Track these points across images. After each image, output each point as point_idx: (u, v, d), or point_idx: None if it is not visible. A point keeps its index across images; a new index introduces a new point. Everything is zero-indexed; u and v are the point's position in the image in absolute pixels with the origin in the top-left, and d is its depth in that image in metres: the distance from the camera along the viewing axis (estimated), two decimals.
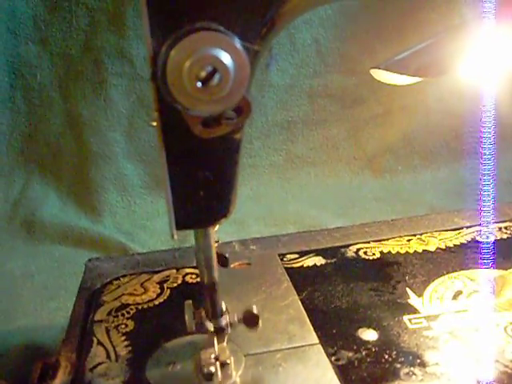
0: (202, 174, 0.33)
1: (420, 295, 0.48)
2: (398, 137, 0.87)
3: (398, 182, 0.86)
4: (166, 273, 0.53)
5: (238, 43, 0.30)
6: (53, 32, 0.83)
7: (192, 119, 0.31)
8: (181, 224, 0.34)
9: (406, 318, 0.45)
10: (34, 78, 0.85)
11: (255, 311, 0.39)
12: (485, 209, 0.49)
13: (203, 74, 0.29)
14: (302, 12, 0.33)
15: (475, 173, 0.47)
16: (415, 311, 0.46)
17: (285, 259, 0.54)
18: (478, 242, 0.56)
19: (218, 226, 0.36)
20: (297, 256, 0.55)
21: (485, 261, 0.51)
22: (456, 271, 0.51)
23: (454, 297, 0.48)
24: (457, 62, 0.47)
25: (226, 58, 0.29)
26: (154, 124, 0.32)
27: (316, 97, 0.86)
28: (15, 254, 0.78)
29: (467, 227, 0.58)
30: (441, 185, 0.84)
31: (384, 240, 0.57)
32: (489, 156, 0.48)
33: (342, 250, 0.55)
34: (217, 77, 0.29)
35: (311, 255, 0.55)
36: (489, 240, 0.56)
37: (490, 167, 0.48)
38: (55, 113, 0.85)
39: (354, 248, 0.55)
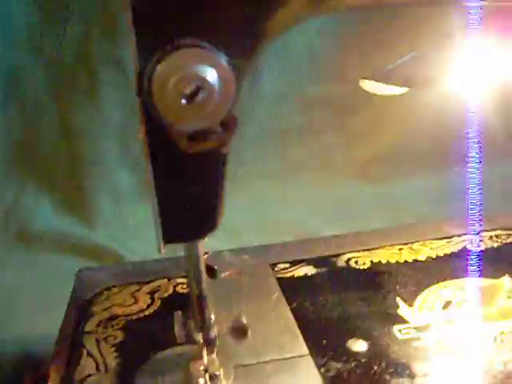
0: (188, 188, 0.33)
1: (410, 305, 0.48)
2: (389, 145, 0.88)
3: (390, 189, 0.86)
4: (157, 283, 0.53)
5: (223, 59, 0.30)
6: (47, 41, 0.83)
7: (178, 134, 0.32)
8: (168, 238, 0.34)
9: (395, 328, 0.45)
10: (28, 87, 0.85)
11: (244, 322, 0.39)
12: (472, 217, 0.49)
13: (188, 91, 0.29)
14: (290, 26, 0.34)
15: (465, 181, 0.48)
16: (405, 321, 0.46)
17: (276, 269, 0.54)
18: (468, 250, 0.56)
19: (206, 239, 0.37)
20: (288, 265, 0.55)
21: (475, 270, 0.51)
22: (446, 280, 0.51)
23: (444, 306, 0.48)
24: (444, 74, 0.47)
25: (211, 74, 0.30)
26: (141, 137, 0.33)
27: (310, 105, 0.86)
28: (8, 264, 0.78)
29: (458, 236, 0.58)
30: (432, 192, 0.84)
31: (375, 249, 0.57)
32: (475, 164, 0.48)
33: (333, 259, 0.55)
34: (202, 94, 0.29)
35: (302, 265, 0.55)
36: (479, 249, 0.56)
37: (476, 175, 0.48)
38: (48, 121, 0.85)
39: (344, 257, 0.56)
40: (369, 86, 0.48)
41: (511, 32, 0.42)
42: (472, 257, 0.52)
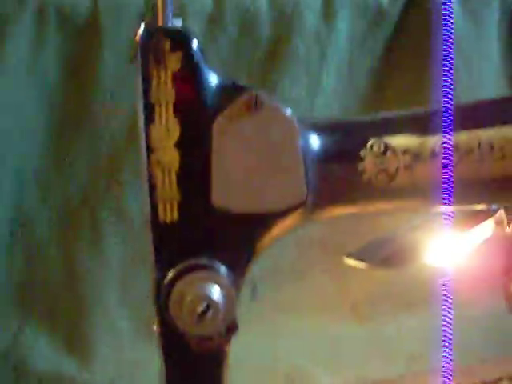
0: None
1: None
2: (380, 285, 0.91)
3: (380, 329, 0.89)
4: None
5: (227, 278, 0.35)
6: (53, 187, 0.89)
7: (189, 337, 0.36)
8: None
9: None
10: (34, 230, 0.89)
11: None
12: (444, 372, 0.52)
13: (200, 309, 0.33)
14: (281, 237, 0.39)
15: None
16: None
17: None
18: None
19: None
20: None
21: None
22: None
23: None
24: (421, 252, 0.52)
25: (217, 294, 0.34)
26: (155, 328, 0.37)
27: (301, 246, 0.90)
28: None
29: None
30: (423, 332, 0.87)
31: None
32: (446, 309, 0.52)
33: None
34: (210, 312, 0.34)
35: None
36: None
37: (448, 320, 0.52)
38: (52, 263, 0.88)
39: None
40: (351, 262, 0.53)
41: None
42: None
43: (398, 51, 0.93)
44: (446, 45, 0.76)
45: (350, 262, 0.51)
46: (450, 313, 0.52)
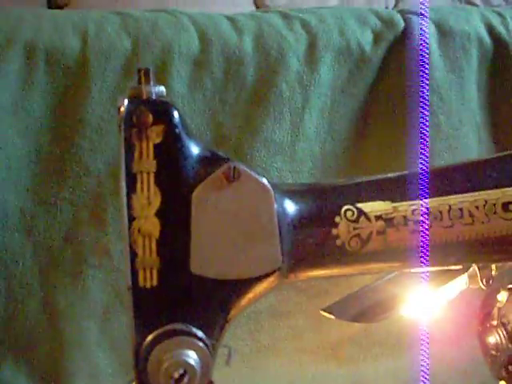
0: None
1: None
2: (359, 326, 0.93)
3: (360, 371, 0.90)
4: None
5: (204, 343, 0.36)
6: (37, 224, 0.89)
7: None
8: None
9: None
10: (16, 266, 0.89)
11: None
12: None
13: (176, 375, 0.34)
14: (255, 301, 0.40)
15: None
16: None
17: None
18: None
19: None
20: None
21: None
22: None
23: None
24: (397, 305, 0.54)
25: (194, 359, 0.35)
26: None
27: (282, 287, 0.91)
28: None
29: None
30: (402, 374, 0.88)
31: None
32: (423, 352, 0.53)
33: None
34: (186, 377, 0.35)
35: None
36: None
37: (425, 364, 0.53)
38: (33, 300, 0.88)
39: None
40: (329, 316, 0.54)
41: None
42: None
43: (379, 96, 0.96)
44: (422, 91, 0.79)
45: (327, 315, 0.53)
46: (427, 358, 0.54)
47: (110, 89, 0.86)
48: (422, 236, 0.43)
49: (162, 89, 0.40)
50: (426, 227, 0.43)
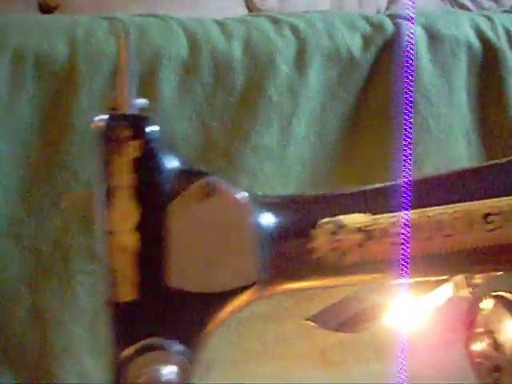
0: None
1: None
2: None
3: (349, 375, 0.90)
4: None
5: (183, 356, 0.36)
6: (26, 229, 0.89)
7: None
8: None
9: None
10: (4, 272, 0.89)
11: None
12: None
13: None
14: (236, 312, 0.40)
15: None
16: None
17: None
18: None
19: None
20: None
21: None
22: None
23: None
24: (381, 314, 0.54)
25: (173, 374, 0.35)
26: None
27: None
28: None
29: None
30: (391, 378, 0.88)
31: None
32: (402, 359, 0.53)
33: None
34: None
35: None
36: None
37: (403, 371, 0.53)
38: (21, 305, 0.88)
39: None
40: (313, 325, 0.54)
41: None
42: None
43: (369, 100, 0.96)
44: (409, 95, 0.79)
45: (311, 324, 0.53)
46: (404, 365, 0.54)
47: (98, 94, 0.86)
48: (402, 248, 0.43)
49: (145, 101, 0.40)
50: (406, 239, 0.43)
